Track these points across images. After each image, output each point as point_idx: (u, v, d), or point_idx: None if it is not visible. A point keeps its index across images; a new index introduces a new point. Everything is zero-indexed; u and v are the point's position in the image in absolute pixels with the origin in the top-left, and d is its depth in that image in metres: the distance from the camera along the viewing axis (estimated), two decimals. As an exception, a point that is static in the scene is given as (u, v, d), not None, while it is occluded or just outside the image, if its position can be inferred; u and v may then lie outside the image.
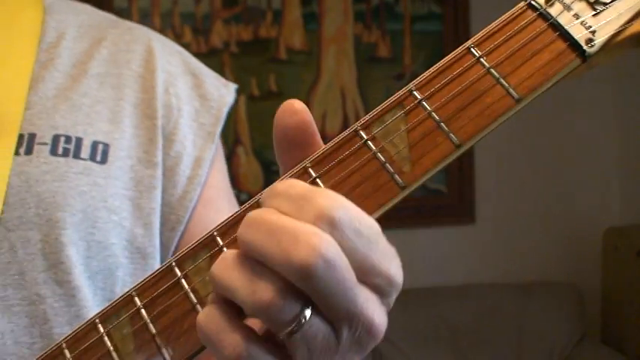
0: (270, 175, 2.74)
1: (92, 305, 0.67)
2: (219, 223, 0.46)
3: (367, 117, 0.45)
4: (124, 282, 0.70)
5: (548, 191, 2.91)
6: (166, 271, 0.45)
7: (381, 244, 0.42)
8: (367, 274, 0.41)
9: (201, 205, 0.75)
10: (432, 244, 2.86)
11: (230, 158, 2.69)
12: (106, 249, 0.68)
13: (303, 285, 0.39)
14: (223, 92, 0.80)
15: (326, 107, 2.80)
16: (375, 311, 0.42)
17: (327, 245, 0.39)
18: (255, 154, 2.73)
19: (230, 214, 0.46)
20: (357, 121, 0.46)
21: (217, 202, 0.77)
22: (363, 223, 0.41)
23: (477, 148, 2.68)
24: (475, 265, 2.86)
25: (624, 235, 2.69)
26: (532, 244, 2.90)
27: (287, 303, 0.40)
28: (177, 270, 0.45)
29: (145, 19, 2.61)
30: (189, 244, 0.45)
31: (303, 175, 0.45)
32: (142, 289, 0.45)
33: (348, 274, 0.40)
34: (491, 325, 2.65)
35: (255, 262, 0.41)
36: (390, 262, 0.42)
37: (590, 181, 2.92)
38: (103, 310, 0.46)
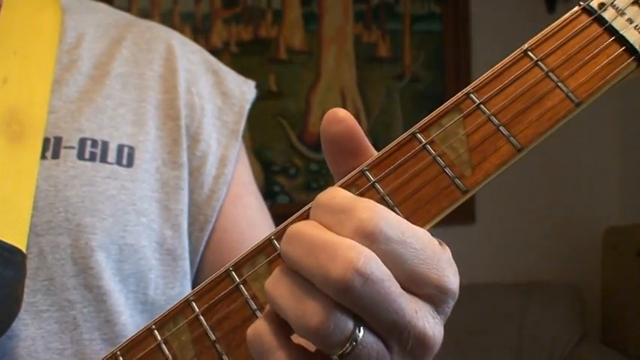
0: (271, 175, 2.73)
1: (124, 310, 0.67)
2: (276, 228, 0.45)
3: (424, 121, 0.45)
4: (156, 284, 0.70)
5: (548, 191, 2.91)
6: (224, 277, 0.45)
7: (430, 252, 0.41)
8: (416, 284, 0.41)
9: (229, 202, 0.75)
10: (432, 244, 2.85)
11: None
12: (137, 252, 0.68)
13: (344, 301, 0.39)
14: (244, 89, 0.80)
15: (326, 107, 2.79)
16: (428, 322, 0.41)
17: (364, 259, 0.38)
18: (255, 154, 2.72)
19: (283, 222, 0.45)
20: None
21: (245, 198, 0.77)
22: (406, 232, 0.41)
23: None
24: (475, 265, 2.86)
25: (624, 235, 2.70)
26: (532, 244, 2.90)
27: (337, 325, 0.39)
28: (235, 276, 0.44)
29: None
30: (246, 250, 0.45)
31: (360, 178, 0.45)
32: (198, 295, 0.45)
33: (390, 287, 0.39)
34: (492, 325, 2.65)
35: (302, 278, 0.40)
36: (441, 269, 0.42)
37: (590, 181, 2.92)
38: (158, 317, 0.45)
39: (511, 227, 2.90)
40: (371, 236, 0.40)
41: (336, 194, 0.42)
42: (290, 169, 2.77)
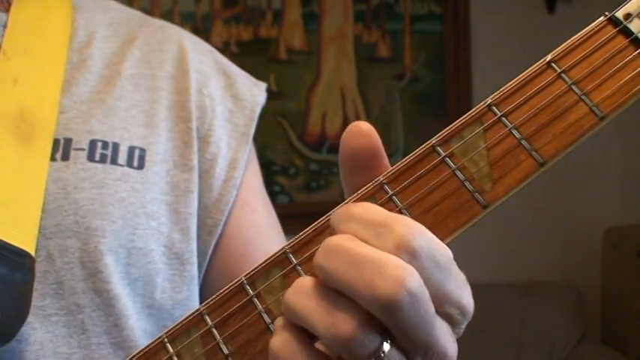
0: (271, 175, 2.72)
1: (131, 313, 0.66)
2: (291, 240, 0.45)
3: (444, 132, 0.45)
4: (163, 288, 0.69)
5: (548, 191, 2.91)
6: (237, 290, 0.44)
7: (454, 272, 0.42)
8: (442, 304, 0.41)
9: (238, 208, 0.74)
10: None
11: (230, 159, 2.66)
12: (146, 255, 0.67)
13: (386, 319, 0.39)
14: (255, 92, 0.79)
15: (326, 107, 2.79)
16: (449, 341, 0.41)
17: (411, 278, 0.38)
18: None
19: (300, 232, 0.45)
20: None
21: (253, 204, 0.76)
22: (439, 251, 0.41)
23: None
24: (475, 265, 2.86)
25: (624, 235, 2.70)
26: (532, 244, 2.89)
27: (367, 337, 0.39)
28: (249, 288, 0.44)
29: (144, 19, 2.58)
30: (261, 262, 0.44)
31: (379, 191, 0.44)
32: (211, 308, 0.44)
33: (429, 307, 0.39)
34: (492, 325, 2.65)
35: (333, 291, 0.40)
36: (462, 290, 0.42)
37: (590, 181, 2.92)
38: (171, 329, 0.45)
39: (511, 227, 2.89)
40: (412, 252, 0.39)
41: (371, 208, 0.42)
42: (290, 169, 2.77)
